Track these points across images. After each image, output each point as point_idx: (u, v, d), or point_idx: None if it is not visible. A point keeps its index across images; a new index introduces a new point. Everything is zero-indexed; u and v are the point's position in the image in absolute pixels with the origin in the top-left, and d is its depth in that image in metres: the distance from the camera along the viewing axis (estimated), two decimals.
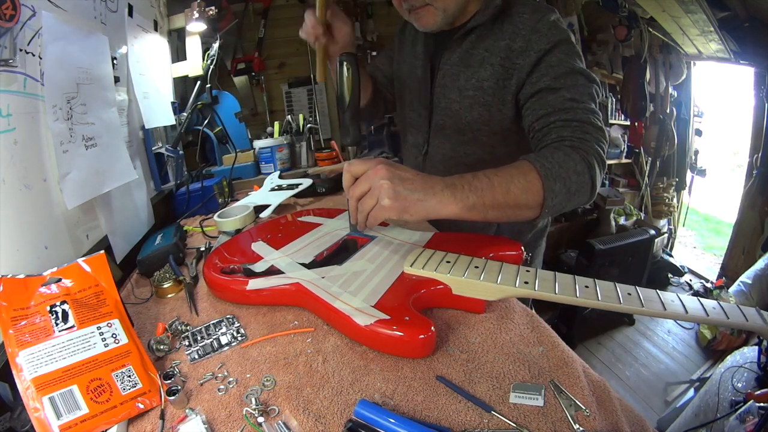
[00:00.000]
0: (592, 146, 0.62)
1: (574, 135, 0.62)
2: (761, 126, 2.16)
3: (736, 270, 2.20)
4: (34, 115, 0.61)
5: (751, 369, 1.15)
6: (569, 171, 0.58)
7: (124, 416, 0.41)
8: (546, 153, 0.60)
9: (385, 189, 0.51)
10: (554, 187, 0.57)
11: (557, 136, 0.64)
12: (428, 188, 0.53)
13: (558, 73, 0.67)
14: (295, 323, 0.55)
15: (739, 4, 1.84)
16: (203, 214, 1.10)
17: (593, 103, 0.67)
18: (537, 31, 0.70)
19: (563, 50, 0.69)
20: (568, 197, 0.59)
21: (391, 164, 0.53)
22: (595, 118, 0.65)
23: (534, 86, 0.69)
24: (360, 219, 0.55)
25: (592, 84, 0.68)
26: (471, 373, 0.44)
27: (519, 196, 0.56)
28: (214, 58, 1.43)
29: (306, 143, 1.65)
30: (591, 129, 0.63)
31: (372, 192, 0.52)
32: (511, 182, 0.56)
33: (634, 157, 2.83)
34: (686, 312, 0.42)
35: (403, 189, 0.51)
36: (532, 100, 0.70)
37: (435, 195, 0.52)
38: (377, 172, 0.52)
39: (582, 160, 0.59)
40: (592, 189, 0.61)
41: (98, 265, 0.51)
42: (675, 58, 2.41)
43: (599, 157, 0.62)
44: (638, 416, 0.42)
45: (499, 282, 0.49)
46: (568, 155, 0.59)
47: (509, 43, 0.72)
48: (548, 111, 0.66)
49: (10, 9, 0.53)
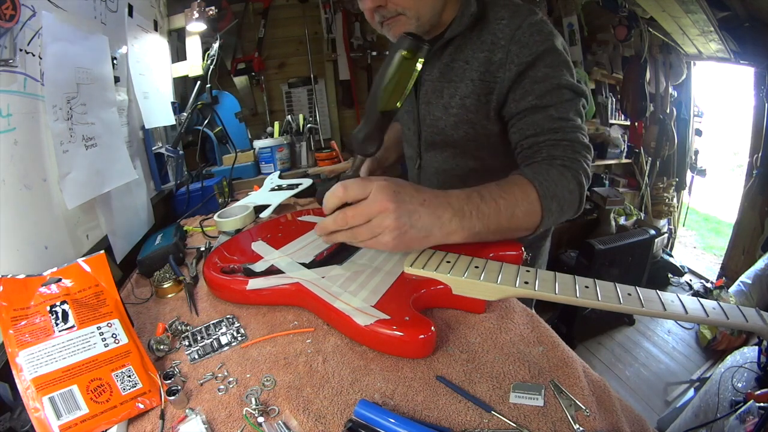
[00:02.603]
0: (582, 165, 0.63)
1: (566, 154, 0.63)
2: (761, 126, 2.16)
3: (736, 270, 2.20)
4: (34, 115, 0.61)
5: (751, 369, 1.15)
6: (563, 190, 0.59)
7: (124, 416, 0.41)
8: (541, 170, 0.60)
9: (390, 229, 0.47)
10: (551, 207, 0.57)
11: (548, 155, 0.64)
12: (435, 220, 0.50)
13: (544, 91, 0.65)
14: (295, 323, 0.55)
15: (739, 4, 1.84)
16: (203, 214, 1.10)
17: (580, 119, 0.67)
18: (517, 41, 0.66)
19: (548, 62, 0.65)
20: (560, 215, 0.60)
21: (396, 192, 0.48)
22: (582, 135, 0.65)
23: (519, 104, 0.67)
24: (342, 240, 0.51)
25: (579, 98, 0.67)
26: (471, 373, 0.44)
27: (521, 220, 0.56)
28: (214, 58, 1.43)
29: (306, 143, 1.65)
30: (580, 147, 0.64)
31: (371, 227, 0.48)
32: (516, 206, 0.55)
33: (634, 157, 2.83)
34: (686, 312, 0.42)
35: (410, 228, 0.48)
36: (518, 117, 0.68)
37: (442, 227, 0.50)
38: (382, 207, 0.47)
39: (573, 179, 0.61)
40: (579, 205, 0.63)
41: (98, 265, 0.51)
42: (675, 58, 2.41)
43: (587, 175, 0.63)
44: (638, 416, 0.42)
45: (499, 282, 0.49)
46: (562, 174, 0.60)
47: (488, 55, 0.69)
48: (536, 131, 0.65)
49: (10, 9, 0.53)
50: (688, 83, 2.59)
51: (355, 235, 0.50)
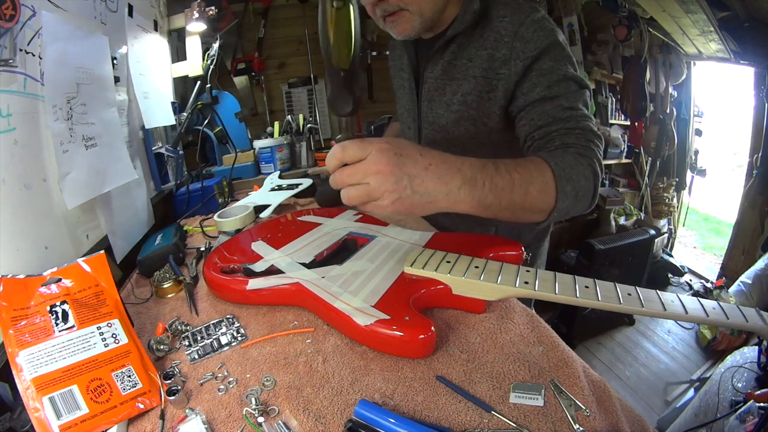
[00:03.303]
0: (596, 154, 0.61)
1: (579, 142, 0.62)
2: (761, 126, 2.16)
3: (736, 270, 2.20)
4: (34, 115, 0.61)
5: (751, 369, 1.15)
6: (579, 175, 0.56)
7: (124, 416, 0.41)
8: (556, 154, 0.58)
9: (388, 192, 0.43)
10: (566, 189, 0.54)
11: (561, 143, 0.63)
12: (442, 186, 0.45)
13: (551, 81, 0.65)
14: (295, 323, 0.55)
15: (739, 4, 1.84)
16: (203, 214, 1.10)
17: (587, 110, 0.66)
18: (521, 37, 0.66)
19: (552, 56, 0.66)
20: (575, 202, 0.57)
21: (397, 154, 0.43)
22: (592, 125, 0.65)
23: (527, 96, 0.67)
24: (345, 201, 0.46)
25: (584, 90, 0.67)
26: (471, 373, 0.44)
27: (535, 198, 0.52)
28: (214, 58, 1.43)
29: (306, 143, 1.65)
30: (593, 136, 0.63)
31: (368, 190, 0.43)
32: (531, 183, 0.52)
33: (634, 157, 2.83)
34: (686, 312, 0.42)
35: (412, 193, 0.43)
36: (528, 109, 0.67)
37: (449, 195, 0.45)
38: (378, 169, 0.42)
39: (589, 166, 0.59)
40: (593, 197, 0.61)
41: (98, 265, 0.51)
42: (675, 58, 2.41)
43: (600, 164, 0.62)
44: (638, 416, 0.42)
45: (499, 282, 0.49)
46: (578, 160, 0.58)
47: (491, 53, 0.69)
48: (548, 121, 0.65)
49: (10, 9, 0.53)
50: (688, 83, 2.59)
51: (350, 197, 0.45)
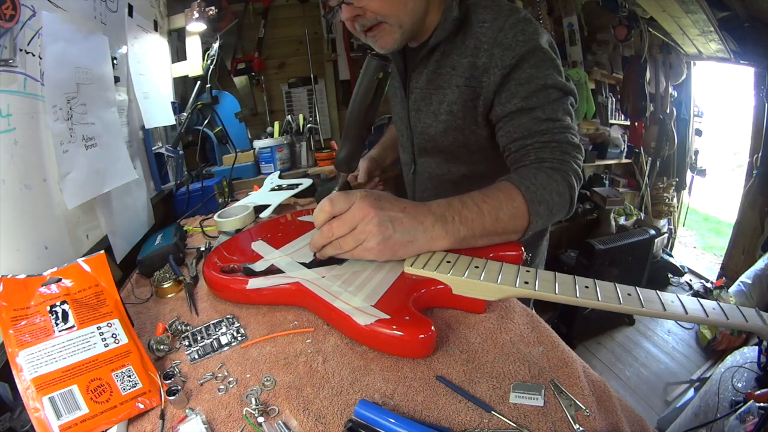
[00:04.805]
0: (572, 166, 0.62)
1: (554, 156, 0.62)
2: (761, 126, 2.16)
3: (736, 270, 2.20)
4: (34, 115, 0.61)
5: (751, 369, 1.15)
6: (552, 193, 0.59)
7: (124, 416, 0.41)
8: (528, 174, 0.60)
9: (373, 234, 0.49)
10: (539, 210, 0.57)
11: (536, 158, 0.63)
12: (418, 225, 0.52)
13: (529, 92, 0.64)
14: (295, 323, 0.55)
15: (739, 4, 1.84)
16: (203, 214, 1.10)
17: (569, 118, 0.65)
18: (500, 44, 0.64)
19: (532, 63, 0.64)
20: (549, 218, 0.60)
21: (377, 199, 0.51)
22: (571, 135, 0.64)
23: (505, 107, 0.66)
24: (331, 254, 0.54)
25: (567, 96, 0.66)
26: (471, 373, 0.44)
27: (507, 223, 0.56)
28: (214, 58, 1.43)
29: (306, 143, 1.65)
30: (569, 148, 0.63)
31: (355, 234, 0.50)
32: (500, 209, 0.55)
33: (634, 157, 2.84)
34: (686, 312, 0.42)
35: (393, 232, 0.50)
36: (505, 120, 0.67)
37: (425, 232, 0.52)
38: (364, 213, 0.50)
39: (563, 181, 0.60)
40: (570, 207, 0.63)
41: (98, 265, 0.51)
42: (675, 58, 2.41)
43: (577, 175, 0.63)
44: (638, 416, 0.42)
45: (499, 282, 0.49)
46: (551, 177, 0.60)
47: (473, 60, 0.68)
48: (523, 134, 0.65)
49: (10, 9, 0.53)
50: (688, 83, 2.59)
51: (341, 245, 0.52)
